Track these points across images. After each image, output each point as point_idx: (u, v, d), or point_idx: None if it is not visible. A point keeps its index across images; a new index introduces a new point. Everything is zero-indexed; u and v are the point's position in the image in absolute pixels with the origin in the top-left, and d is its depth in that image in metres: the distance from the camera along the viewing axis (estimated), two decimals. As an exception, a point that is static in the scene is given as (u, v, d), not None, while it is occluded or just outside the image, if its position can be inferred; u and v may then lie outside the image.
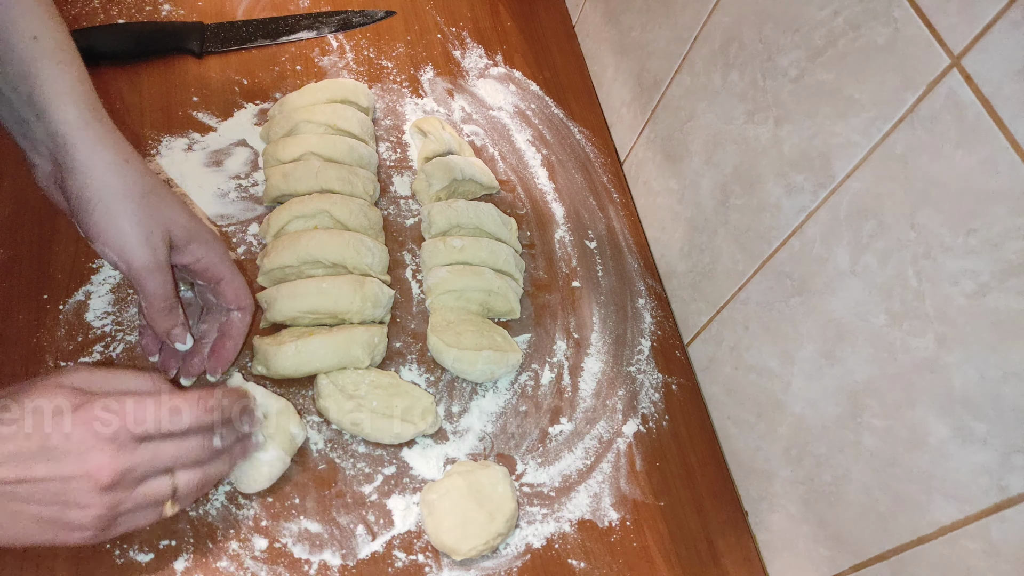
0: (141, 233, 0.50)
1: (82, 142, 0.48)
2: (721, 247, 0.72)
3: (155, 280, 0.52)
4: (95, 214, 0.49)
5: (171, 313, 0.55)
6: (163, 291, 0.53)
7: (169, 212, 0.53)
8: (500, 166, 0.87)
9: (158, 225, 0.51)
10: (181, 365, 0.63)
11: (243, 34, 0.87)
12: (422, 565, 0.61)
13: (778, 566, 0.67)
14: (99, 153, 0.49)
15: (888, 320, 0.53)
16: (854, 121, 0.54)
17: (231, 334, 0.61)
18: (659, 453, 0.71)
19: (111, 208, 0.49)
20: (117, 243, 0.50)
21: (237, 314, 0.61)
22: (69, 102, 0.48)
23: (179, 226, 0.53)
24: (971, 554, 0.48)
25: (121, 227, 0.50)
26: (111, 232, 0.50)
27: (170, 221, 0.53)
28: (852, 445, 0.57)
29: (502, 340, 0.71)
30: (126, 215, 0.50)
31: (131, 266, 0.51)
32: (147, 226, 0.51)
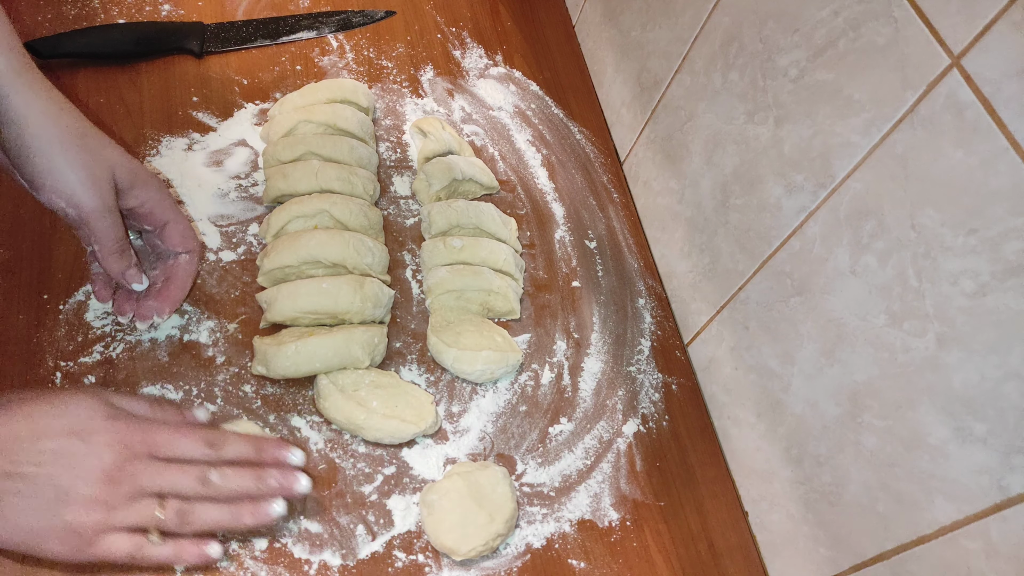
0: (87, 176, 0.50)
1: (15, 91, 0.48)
2: (721, 247, 0.72)
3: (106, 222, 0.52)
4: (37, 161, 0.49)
5: (124, 255, 0.55)
6: (115, 233, 0.53)
7: (111, 155, 0.52)
8: (500, 166, 0.87)
9: (102, 167, 0.51)
10: (135, 310, 0.63)
11: (243, 34, 0.87)
12: (422, 565, 0.61)
13: (778, 566, 0.67)
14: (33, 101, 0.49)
15: (888, 320, 0.53)
16: (854, 121, 0.54)
17: (178, 275, 0.62)
18: (659, 453, 0.71)
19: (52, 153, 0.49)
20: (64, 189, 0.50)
21: (185, 256, 0.61)
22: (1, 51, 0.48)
23: (122, 168, 0.53)
24: (971, 554, 0.48)
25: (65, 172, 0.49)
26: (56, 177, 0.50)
27: (113, 163, 0.52)
28: (852, 445, 0.57)
29: (502, 340, 0.71)
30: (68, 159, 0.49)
31: (81, 209, 0.51)
32: (91, 168, 0.50)
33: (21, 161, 0.50)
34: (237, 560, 0.57)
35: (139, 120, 0.78)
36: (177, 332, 0.67)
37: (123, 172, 0.53)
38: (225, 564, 0.57)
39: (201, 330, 0.67)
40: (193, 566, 0.53)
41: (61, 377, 0.62)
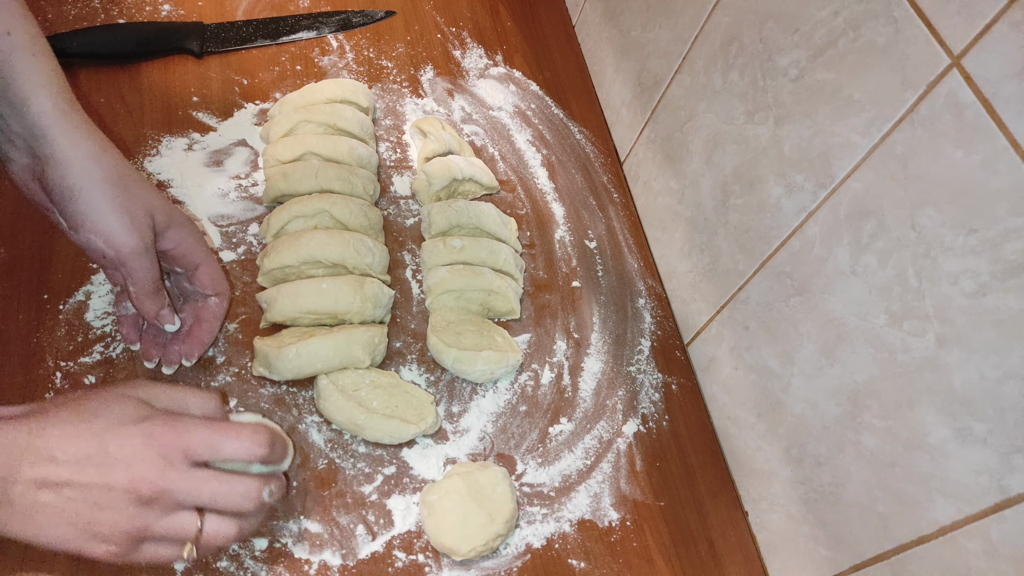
0: (126, 217, 0.50)
1: (61, 132, 0.49)
2: (721, 247, 0.72)
3: (143, 262, 0.53)
4: (79, 202, 0.49)
5: (159, 295, 0.55)
6: (151, 273, 0.54)
7: (149, 196, 0.53)
8: (500, 166, 0.87)
9: (141, 209, 0.52)
10: (162, 354, 0.63)
11: (243, 34, 0.87)
12: (422, 565, 0.61)
13: (778, 566, 0.67)
14: (78, 142, 0.49)
15: (888, 320, 0.53)
16: (854, 121, 0.54)
17: (207, 318, 0.61)
18: (659, 453, 0.71)
19: (94, 195, 0.49)
20: (104, 230, 0.50)
21: (214, 299, 0.61)
22: (46, 94, 0.48)
23: (160, 210, 0.54)
24: (971, 554, 0.48)
25: (106, 213, 0.50)
26: (96, 219, 0.50)
27: (151, 205, 0.53)
28: (852, 445, 0.57)
29: (502, 340, 0.71)
30: (109, 201, 0.50)
31: (120, 250, 0.51)
32: (131, 210, 0.51)
33: (63, 201, 0.50)
34: (237, 560, 0.57)
35: (139, 120, 0.78)
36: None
37: (160, 214, 0.54)
38: (225, 564, 0.57)
39: (201, 330, 0.67)
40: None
41: (61, 377, 0.62)
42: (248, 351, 0.67)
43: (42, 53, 0.49)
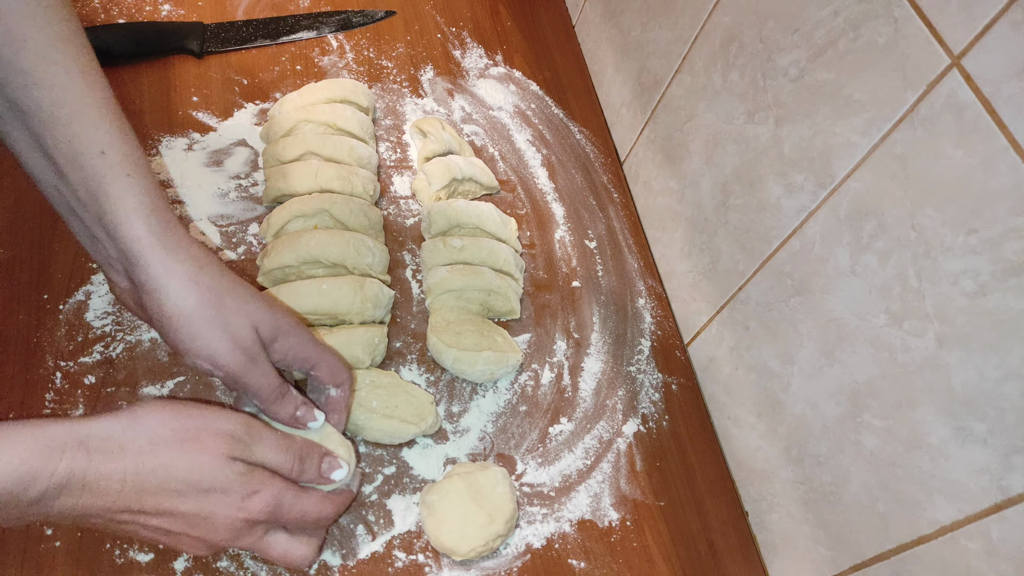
0: (227, 338, 0.49)
1: (155, 258, 0.47)
2: (721, 247, 0.72)
3: (255, 377, 0.51)
4: (178, 330, 0.48)
5: (286, 399, 0.53)
6: (267, 384, 0.51)
7: (251, 309, 0.51)
8: (500, 166, 0.87)
9: (243, 326, 0.50)
10: None
11: (243, 34, 0.87)
12: (422, 565, 0.61)
13: (778, 566, 0.67)
14: (172, 267, 0.47)
15: (888, 320, 0.53)
16: (854, 121, 0.54)
17: (335, 409, 0.59)
18: (659, 453, 0.71)
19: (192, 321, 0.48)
20: (206, 353, 0.49)
21: (335, 391, 0.59)
22: (138, 218, 0.46)
23: (264, 322, 0.51)
24: (971, 554, 0.48)
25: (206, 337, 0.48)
26: (198, 345, 0.48)
27: (255, 319, 0.51)
28: (852, 445, 0.57)
29: (502, 340, 0.71)
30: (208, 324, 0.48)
31: (226, 371, 0.50)
32: (232, 329, 0.49)
33: (163, 329, 0.49)
34: (237, 560, 0.57)
35: (139, 120, 0.78)
36: (177, 332, 0.67)
37: (265, 326, 0.51)
38: (225, 564, 0.57)
39: (201, 330, 0.67)
40: None
41: (61, 377, 0.62)
42: (248, 351, 0.67)
43: (137, 171, 0.47)
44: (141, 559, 0.56)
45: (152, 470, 0.44)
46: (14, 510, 0.41)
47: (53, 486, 0.41)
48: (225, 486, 0.47)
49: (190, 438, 0.46)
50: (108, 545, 0.56)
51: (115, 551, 0.56)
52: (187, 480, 0.45)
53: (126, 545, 0.56)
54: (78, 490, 0.42)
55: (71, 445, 0.42)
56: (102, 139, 0.46)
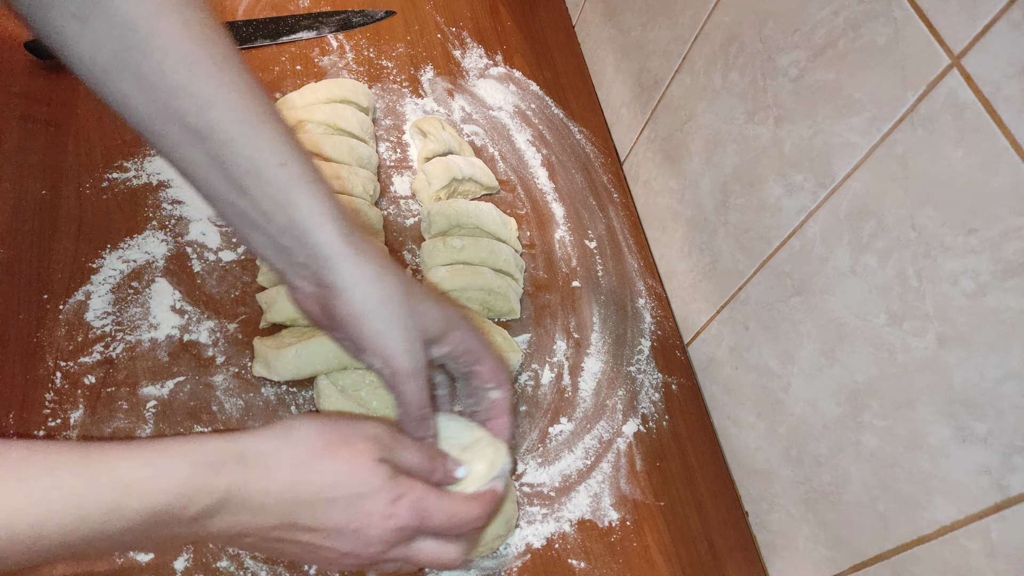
0: (404, 337, 0.50)
1: (345, 260, 0.48)
2: (721, 247, 0.72)
3: (413, 386, 0.52)
4: (363, 327, 0.49)
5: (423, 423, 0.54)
6: (419, 398, 0.52)
7: (424, 309, 0.52)
8: (500, 166, 0.87)
9: (416, 327, 0.51)
10: None
11: (243, 34, 0.87)
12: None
13: (778, 566, 0.67)
14: (360, 267, 0.48)
15: (888, 320, 0.53)
16: (854, 121, 0.54)
17: (498, 414, 0.59)
18: (659, 453, 0.71)
19: (375, 319, 0.49)
20: (382, 351, 0.50)
21: (496, 392, 0.58)
22: (327, 223, 0.48)
23: (436, 320, 0.53)
24: (971, 554, 0.48)
25: (385, 335, 0.50)
26: (377, 341, 0.50)
27: (426, 319, 0.52)
28: (852, 445, 0.57)
29: (502, 340, 0.71)
30: (388, 322, 0.49)
31: (395, 371, 0.51)
32: (409, 329, 0.50)
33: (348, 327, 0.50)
34: (237, 560, 0.57)
35: (139, 120, 0.78)
36: (177, 332, 0.67)
37: (437, 324, 0.53)
38: (225, 564, 0.57)
39: (201, 330, 0.67)
40: None
41: (61, 377, 0.62)
42: (248, 351, 0.67)
43: (316, 179, 0.48)
44: (141, 559, 0.56)
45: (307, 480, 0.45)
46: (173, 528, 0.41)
47: (214, 503, 0.42)
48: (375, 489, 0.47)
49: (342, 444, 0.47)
50: (108, 545, 0.56)
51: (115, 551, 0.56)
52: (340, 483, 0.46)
53: (126, 545, 0.56)
54: (236, 507, 0.43)
55: (231, 460, 0.43)
56: (280, 151, 0.47)
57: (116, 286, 0.67)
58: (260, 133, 0.47)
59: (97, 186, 0.73)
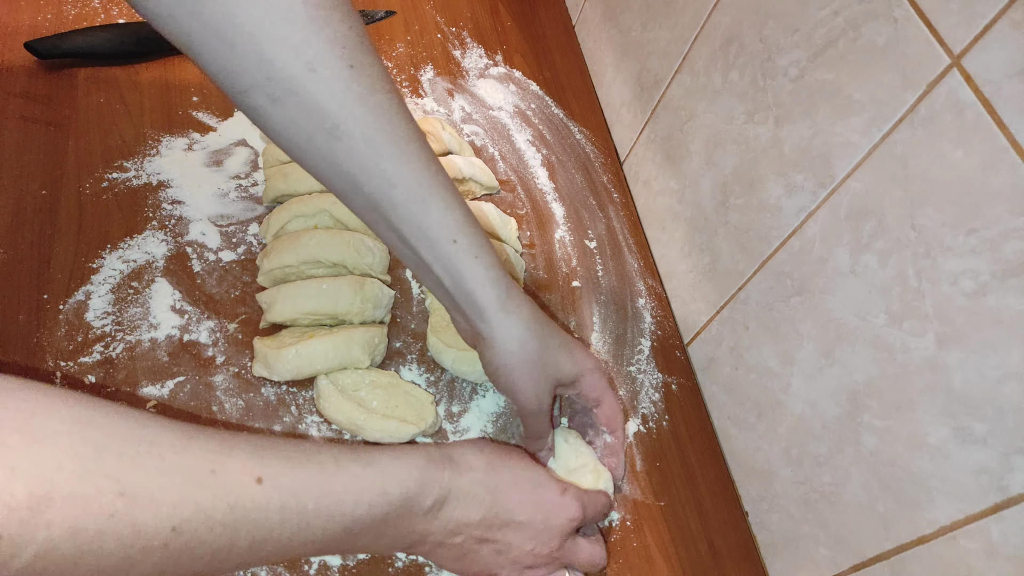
0: (532, 389, 0.58)
1: (496, 320, 0.56)
2: (721, 247, 0.71)
3: (535, 422, 0.61)
4: (500, 376, 0.58)
5: (540, 441, 0.63)
6: (539, 430, 0.62)
7: (557, 364, 0.59)
8: (500, 166, 0.87)
9: (546, 380, 0.59)
10: None
11: (243, 34, 0.87)
12: (422, 565, 0.61)
13: (778, 566, 0.67)
14: (508, 329, 0.56)
15: (888, 320, 0.52)
16: (854, 121, 0.54)
17: (610, 453, 0.66)
18: (659, 453, 0.71)
19: (512, 372, 0.57)
20: (514, 396, 0.59)
21: (608, 437, 0.66)
22: (487, 288, 0.55)
23: (565, 374, 0.60)
24: (971, 554, 0.48)
25: (518, 385, 0.58)
26: (511, 387, 0.58)
27: (558, 372, 0.60)
28: (852, 445, 0.57)
29: (502, 340, 0.71)
30: (523, 376, 0.58)
31: (521, 409, 0.60)
32: (538, 384, 0.58)
33: (489, 371, 0.59)
34: (237, 560, 0.57)
35: (139, 120, 0.78)
36: (177, 332, 0.67)
37: (566, 376, 0.60)
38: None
39: (201, 330, 0.67)
40: None
41: (61, 377, 0.62)
42: (248, 351, 0.67)
43: (482, 252, 0.55)
44: (141, 559, 0.56)
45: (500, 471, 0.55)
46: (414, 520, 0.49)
47: (442, 493, 0.50)
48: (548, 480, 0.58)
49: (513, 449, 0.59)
50: (108, 545, 0.56)
51: (115, 551, 0.56)
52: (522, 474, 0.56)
53: (126, 545, 0.56)
54: (455, 499, 0.51)
55: (445, 459, 0.52)
56: (452, 227, 0.53)
57: (116, 286, 0.67)
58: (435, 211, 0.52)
59: (97, 186, 0.73)
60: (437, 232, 0.53)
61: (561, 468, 0.64)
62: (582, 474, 0.63)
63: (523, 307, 0.57)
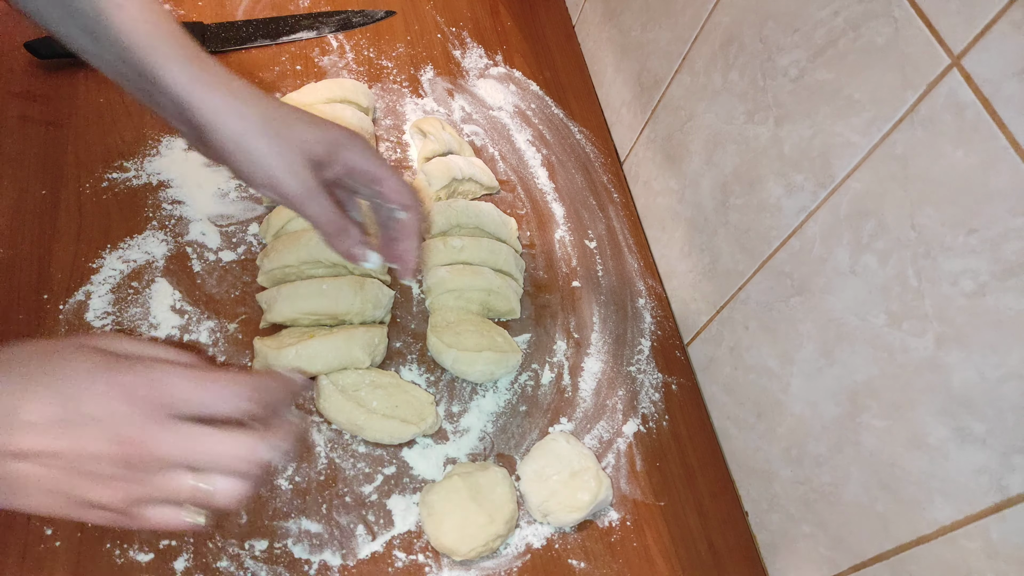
0: (281, 163, 0.51)
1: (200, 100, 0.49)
2: (721, 247, 0.72)
3: (312, 206, 0.53)
4: (239, 161, 0.51)
5: (343, 234, 0.55)
6: (325, 215, 0.54)
7: (301, 135, 0.52)
8: (500, 166, 0.87)
9: (294, 151, 0.52)
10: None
11: (243, 34, 0.87)
12: (422, 565, 0.61)
13: (778, 566, 0.67)
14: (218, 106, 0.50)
15: (888, 320, 0.52)
16: (854, 121, 0.54)
17: (404, 235, 0.59)
18: (659, 453, 0.71)
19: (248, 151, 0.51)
20: (266, 180, 0.51)
21: (402, 214, 0.58)
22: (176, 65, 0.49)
23: (316, 143, 0.53)
24: (971, 554, 0.48)
25: (263, 165, 0.51)
26: (258, 172, 0.51)
27: (305, 143, 0.52)
28: (852, 445, 0.57)
29: (502, 340, 0.71)
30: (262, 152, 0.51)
31: (286, 196, 0.52)
32: (284, 155, 0.51)
33: (225, 162, 0.52)
34: (237, 560, 0.57)
35: (139, 120, 0.78)
36: (177, 332, 0.67)
37: (318, 146, 0.53)
38: (225, 564, 0.57)
39: (201, 330, 0.67)
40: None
41: (61, 377, 0.62)
42: (248, 351, 0.67)
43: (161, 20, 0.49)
44: (141, 559, 0.56)
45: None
46: None
47: None
48: None
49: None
50: (108, 545, 0.56)
51: (115, 551, 0.56)
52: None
53: (126, 545, 0.56)
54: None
55: None
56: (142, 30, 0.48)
57: (116, 286, 0.67)
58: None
59: (97, 186, 0.73)
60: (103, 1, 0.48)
61: (564, 470, 0.64)
62: (585, 479, 0.63)
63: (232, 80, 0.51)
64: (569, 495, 0.63)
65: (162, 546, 0.57)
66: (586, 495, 0.63)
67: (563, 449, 0.65)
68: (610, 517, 0.66)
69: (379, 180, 0.56)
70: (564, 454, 0.64)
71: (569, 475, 0.63)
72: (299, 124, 0.53)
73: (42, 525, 0.56)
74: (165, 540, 0.57)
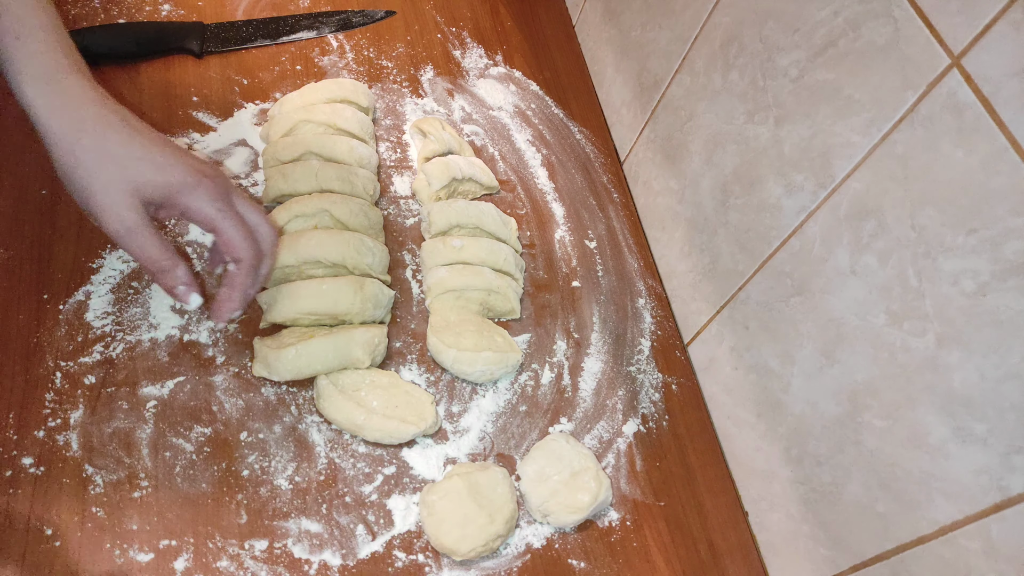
0: (105, 201, 0.50)
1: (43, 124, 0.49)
2: (721, 247, 0.72)
3: (131, 245, 0.52)
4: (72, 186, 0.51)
5: (164, 274, 0.54)
6: (145, 254, 0.53)
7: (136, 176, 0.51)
8: (500, 166, 0.87)
9: (121, 191, 0.50)
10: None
11: (243, 34, 0.87)
12: (422, 565, 0.61)
13: (778, 566, 0.67)
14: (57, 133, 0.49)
15: (888, 320, 0.53)
16: (854, 121, 0.54)
17: (227, 283, 0.58)
18: (659, 453, 0.71)
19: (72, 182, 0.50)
20: (90, 212, 0.51)
21: (232, 266, 0.58)
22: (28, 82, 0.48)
23: (150, 186, 0.52)
24: (971, 554, 0.48)
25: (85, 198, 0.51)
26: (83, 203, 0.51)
27: (137, 184, 0.51)
28: (852, 445, 0.57)
29: (502, 340, 0.71)
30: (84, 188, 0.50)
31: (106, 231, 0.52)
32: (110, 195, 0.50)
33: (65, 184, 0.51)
34: (237, 560, 0.57)
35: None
36: (177, 332, 0.67)
37: (152, 189, 0.52)
38: (225, 564, 0.57)
39: (201, 330, 0.67)
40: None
41: (61, 377, 0.62)
42: (248, 351, 0.67)
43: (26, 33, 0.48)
44: (141, 559, 0.56)
45: None
46: None
47: None
48: None
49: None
50: (108, 545, 0.56)
51: (115, 551, 0.56)
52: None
53: (126, 545, 0.56)
54: None
55: None
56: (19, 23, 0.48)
57: (116, 286, 0.67)
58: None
59: (97, 186, 0.73)
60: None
61: (565, 470, 0.64)
62: (585, 480, 0.63)
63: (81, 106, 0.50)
64: (569, 495, 0.63)
65: (162, 546, 0.57)
66: (586, 495, 0.63)
67: (563, 449, 0.65)
68: (610, 517, 0.66)
69: (216, 231, 0.56)
70: (564, 454, 0.64)
71: (569, 475, 0.63)
72: (139, 164, 0.51)
73: (42, 525, 0.56)
74: (165, 540, 0.57)
